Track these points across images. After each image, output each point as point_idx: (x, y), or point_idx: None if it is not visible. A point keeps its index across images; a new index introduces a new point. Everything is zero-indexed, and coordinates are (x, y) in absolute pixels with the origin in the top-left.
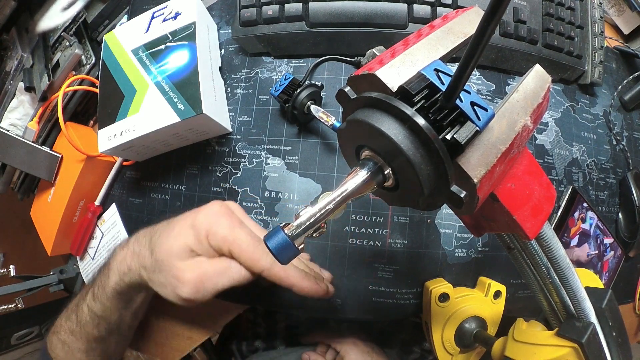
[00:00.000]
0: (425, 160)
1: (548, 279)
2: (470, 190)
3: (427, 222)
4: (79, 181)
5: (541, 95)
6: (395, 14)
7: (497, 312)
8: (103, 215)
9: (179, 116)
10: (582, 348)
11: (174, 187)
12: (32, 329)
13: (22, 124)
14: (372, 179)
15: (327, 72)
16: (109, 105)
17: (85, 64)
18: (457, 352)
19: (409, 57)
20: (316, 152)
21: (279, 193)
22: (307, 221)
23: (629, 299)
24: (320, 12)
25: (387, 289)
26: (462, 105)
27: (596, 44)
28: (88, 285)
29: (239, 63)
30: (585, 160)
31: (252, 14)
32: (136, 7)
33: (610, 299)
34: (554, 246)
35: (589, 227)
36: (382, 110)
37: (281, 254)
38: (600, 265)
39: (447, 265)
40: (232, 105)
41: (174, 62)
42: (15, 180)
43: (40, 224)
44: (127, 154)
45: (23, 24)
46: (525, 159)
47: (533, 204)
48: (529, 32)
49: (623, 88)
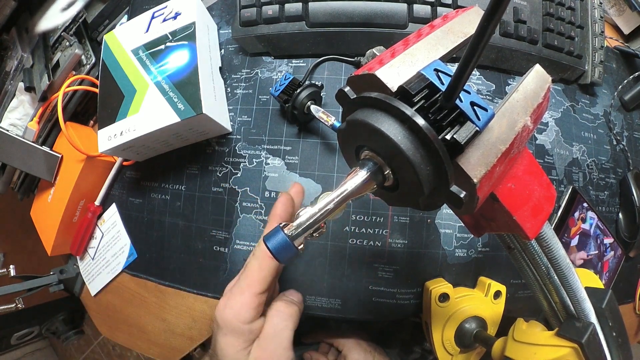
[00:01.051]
0: (425, 160)
1: (548, 279)
2: (470, 190)
3: (427, 222)
4: (79, 181)
5: (541, 95)
6: (395, 14)
7: (497, 312)
8: (103, 215)
9: (179, 116)
10: (582, 348)
11: (174, 187)
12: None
13: (22, 124)
14: (371, 179)
15: (327, 72)
16: (109, 105)
17: (85, 64)
18: (457, 352)
19: (409, 57)
20: (316, 152)
21: (279, 193)
22: (307, 221)
23: (629, 299)
24: (320, 12)
25: (387, 289)
26: (462, 105)
27: (596, 44)
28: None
29: (239, 63)
30: (585, 160)
31: (252, 14)
32: (136, 7)
33: (610, 299)
34: (554, 246)
35: (589, 227)
36: (381, 110)
37: (281, 254)
38: (600, 265)
39: (447, 265)
40: (232, 105)
41: (174, 62)
42: (15, 180)
43: (40, 224)
44: (127, 154)
45: (23, 24)
46: (525, 159)
47: (533, 204)
48: (529, 32)
49: (623, 88)
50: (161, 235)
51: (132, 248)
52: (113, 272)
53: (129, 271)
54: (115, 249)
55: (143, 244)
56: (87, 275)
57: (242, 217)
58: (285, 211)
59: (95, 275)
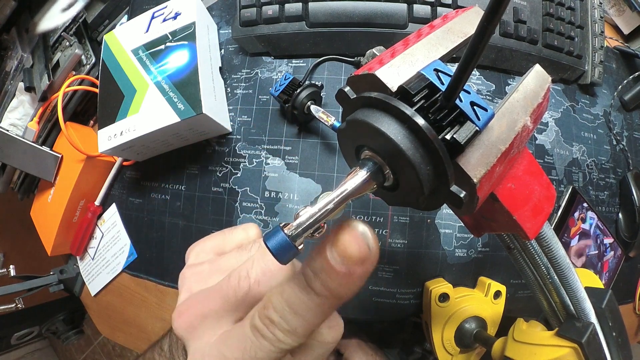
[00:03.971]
0: (425, 160)
1: (548, 279)
2: (470, 190)
3: (427, 222)
4: (79, 181)
5: (541, 95)
6: (395, 14)
7: (497, 312)
8: (103, 215)
9: (179, 116)
10: (582, 348)
11: (174, 187)
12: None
13: (22, 124)
14: (371, 178)
15: (327, 72)
16: (109, 105)
17: (85, 64)
18: (457, 352)
19: (409, 57)
20: (316, 152)
21: (279, 193)
22: (307, 221)
23: (629, 299)
24: (320, 12)
25: (387, 289)
26: (462, 105)
27: (596, 44)
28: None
29: (239, 63)
30: (585, 160)
31: (252, 14)
32: (136, 7)
33: (610, 299)
34: (554, 246)
35: (589, 227)
36: (381, 110)
37: (281, 254)
38: (600, 265)
39: (447, 265)
40: (232, 105)
41: (174, 62)
42: (15, 180)
43: (40, 224)
44: (127, 154)
45: (23, 24)
46: (525, 159)
47: (533, 204)
48: (529, 32)
49: (623, 88)
50: (161, 235)
51: (132, 248)
52: (113, 272)
53: (129, 271)
54: (115, 249)
55: (143, 244)
56: (87, 275)
57: (242, 217)
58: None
59: (95, 275)
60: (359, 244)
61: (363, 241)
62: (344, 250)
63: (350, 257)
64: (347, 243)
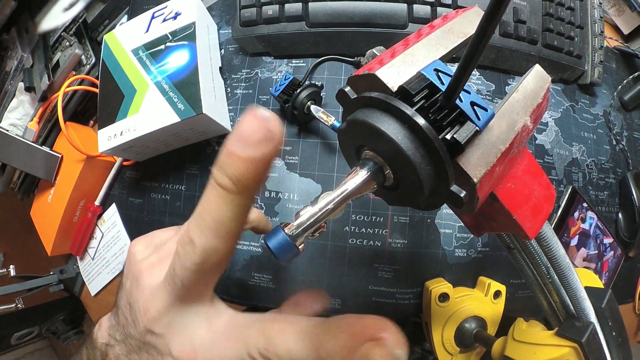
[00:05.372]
0: (425, 160)
1: (548, 279)
2: (470, 190)
3: (427, 222)
4: (79, 181)
5: (541, 95)
6: (395, 14)
7: (497, 312)
8: (103, 215)
9: (179, 116)
10: (582, 348)
11: (174, 187)
12: (32, 329)
13: (22, 124)
14: (372, 178)
15: (327, 72)
16: (109, 105)
17: (85, 64)
18: (457, 352)
19: (409, 57)
20: (316, 152)
21: (279, 193)
22: (307, 221)
23: (629, 299)
24: (320, 12)
25: (387, 289)
26: (462, 105)
27: (596, 44)
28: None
29: (239, 63)
30: (585, 160)
31: (252, 14)
32: (136, 7)
33: (610, 299)
34: (554, 246)
35: (589, 227)
36: (382, 110)
37: (281, 254)
38: (600, 265)
39: (447, 265)
40: (232, 105)
41: (174, 62)
42: (15, 180)
43: (40, 224)
44: (127, 154)
45: (23, 24)
46: (525, 158)
47: (533, 204)
48: (529, 32)
49: (623, 88)
50: None
51: None
52: (113, 272)
53: None
54: (115, 249)
55: None
56: (87, 275)
57: None
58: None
59: (95, 275)
60: (258, 123)
61: (262, 120)
62: (243, 131)
63: (249, 138)
64: (246, 124)
